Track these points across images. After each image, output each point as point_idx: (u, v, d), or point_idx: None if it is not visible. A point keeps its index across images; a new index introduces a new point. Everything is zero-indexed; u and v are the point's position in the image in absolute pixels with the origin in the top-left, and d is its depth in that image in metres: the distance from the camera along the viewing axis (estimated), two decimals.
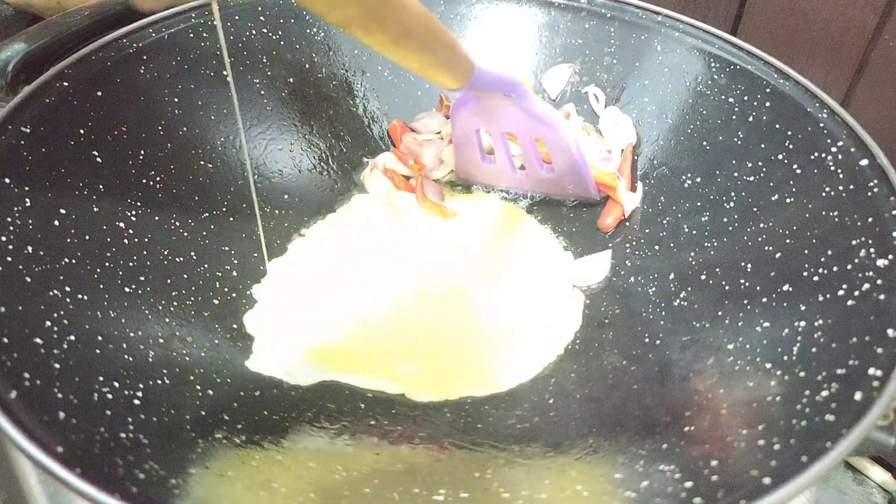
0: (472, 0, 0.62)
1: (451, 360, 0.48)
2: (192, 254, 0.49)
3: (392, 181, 0.59)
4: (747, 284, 0.44)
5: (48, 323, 0.37)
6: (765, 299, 0.42)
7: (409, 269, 0.53)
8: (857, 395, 0.32)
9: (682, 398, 0.41)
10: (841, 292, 0.38)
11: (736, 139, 0.50)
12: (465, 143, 0.57)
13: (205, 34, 0.53)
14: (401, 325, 0.50)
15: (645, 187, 0.56)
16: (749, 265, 0.45)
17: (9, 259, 0.38)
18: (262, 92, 0.57)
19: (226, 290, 0.49)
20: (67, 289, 0.39)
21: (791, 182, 0.46)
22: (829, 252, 0.41)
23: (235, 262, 0.51)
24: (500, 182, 0.59)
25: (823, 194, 0.43)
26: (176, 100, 0.52)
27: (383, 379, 0.46)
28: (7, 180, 0.40)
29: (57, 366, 0.35)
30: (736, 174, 0.49)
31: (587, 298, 0.51)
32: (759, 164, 0.48)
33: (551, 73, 0.61)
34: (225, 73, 0.54)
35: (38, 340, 0.36)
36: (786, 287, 0.41)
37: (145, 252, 0.46)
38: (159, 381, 0.40)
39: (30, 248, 0.39)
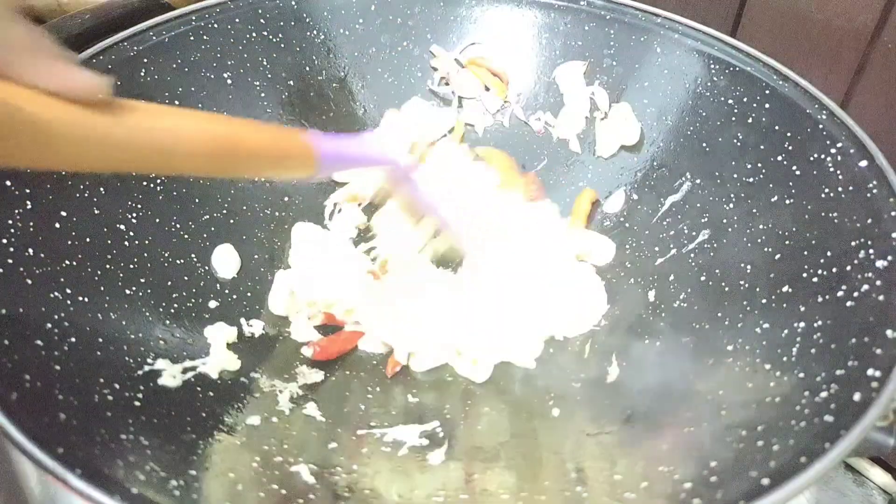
0: (471, 2, 0.62)
1: (451, 360, 0.48)
2: (193, 256, 0.49)
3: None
4: (747, 285, 0.44)
5: (49, 325, 0.37)
6: (764, 300, 0.42)
7: (409, 269, 0.53)
8: (856, 396, 0.32)
9: (682, 398, 0.41)
10: (840, 293, 0.38)
11: (735, 140, 0.50)
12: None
13: (205, 37, 0.53)
14: (401, 325, 0.50)
15: (644, 188, 0.56)
16: (749, 266, 0.45)
17: (10, 261, 0.38)
18: (262, 94, 0.57)
19: (226, 292, 0.49)
20: (68, 291, 0.40)
21: (790, 183, 0.46)
22: (829, 253, 0.41)
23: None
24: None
25: (823, 195, 0.43)
26: (176, 102, 0.52)
27: (388, 378, 0.46)
28: (8, 183, 0.40)
29: (58, 367, 0.35)
30: (735, 175, 0.49)
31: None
32: (759, 165, 0.48)
33: (563, 69, 0.60)
34: (226, 75, 0.55)
35: (39, 342, 0.36)
36: (785, 288, 0.41)
37: (146, 254, 0.46)
38: (160, 383, 0.40)
39: (31, 251, 0.39)
